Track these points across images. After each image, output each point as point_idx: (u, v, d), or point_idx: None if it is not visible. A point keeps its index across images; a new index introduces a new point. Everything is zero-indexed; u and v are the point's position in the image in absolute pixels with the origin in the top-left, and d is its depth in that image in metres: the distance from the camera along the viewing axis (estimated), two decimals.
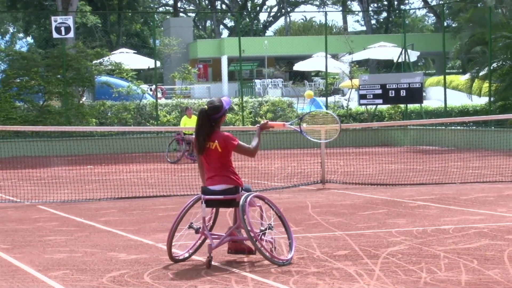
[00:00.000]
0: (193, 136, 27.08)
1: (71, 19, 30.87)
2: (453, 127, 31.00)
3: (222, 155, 9.08)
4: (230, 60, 55.44)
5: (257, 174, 20.15)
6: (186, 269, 8.74)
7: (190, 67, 39.80)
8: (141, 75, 50.35)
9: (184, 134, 25.10)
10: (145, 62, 43.60)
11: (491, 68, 30.85)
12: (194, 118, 26.08)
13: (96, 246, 10.41)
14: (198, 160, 9.37)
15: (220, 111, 9.10)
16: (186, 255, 9.18)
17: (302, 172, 20.37)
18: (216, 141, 9.05)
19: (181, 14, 70.54)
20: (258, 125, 9.74)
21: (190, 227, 9.09)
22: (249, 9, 74.34)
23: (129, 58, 39.22)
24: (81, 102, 33.51)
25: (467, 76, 35.20)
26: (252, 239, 8.79)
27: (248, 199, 8.97)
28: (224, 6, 75.23)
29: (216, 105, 9.13)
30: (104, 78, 35.63)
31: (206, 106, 9.14)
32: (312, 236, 10.66)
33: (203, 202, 8.96)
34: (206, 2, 72.92)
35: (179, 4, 68.18)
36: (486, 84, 31.75)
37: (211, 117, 9.08)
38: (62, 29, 29.84)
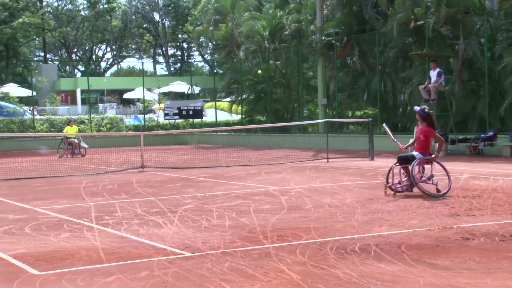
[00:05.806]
0: (74, 139, 25.18)
1: None
2: (221, 133, 31.58)
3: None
4: (82, 91, 53.20)
5: (99, 163, 19.41)
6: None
7: (56, 95, 37.64)
8: (23, 100, 47.03)
9: (67, 138, 22.90)
10: (26, 92, 40.82)
11: (242, 97, 31.71)
12: (74, 128, 24.38)
13: None
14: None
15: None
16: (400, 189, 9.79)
17: (129, 161, 19.90)
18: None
19: (49, 62, 66.70)
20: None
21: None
22: (94, 59, 71.74)
23: (14, 90, 36.79)
24: None
25: (228, 99, 35.87)
26: (414, 182, 9.61)
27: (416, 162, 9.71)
28: (77, 57, 72.13)
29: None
30: None
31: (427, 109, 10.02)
32: (135, 201, 10.42)
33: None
34: (66, 55, 69.64)
35: (48, 56, 64.34)
36: (240, 107, 32.61)
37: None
38: None
